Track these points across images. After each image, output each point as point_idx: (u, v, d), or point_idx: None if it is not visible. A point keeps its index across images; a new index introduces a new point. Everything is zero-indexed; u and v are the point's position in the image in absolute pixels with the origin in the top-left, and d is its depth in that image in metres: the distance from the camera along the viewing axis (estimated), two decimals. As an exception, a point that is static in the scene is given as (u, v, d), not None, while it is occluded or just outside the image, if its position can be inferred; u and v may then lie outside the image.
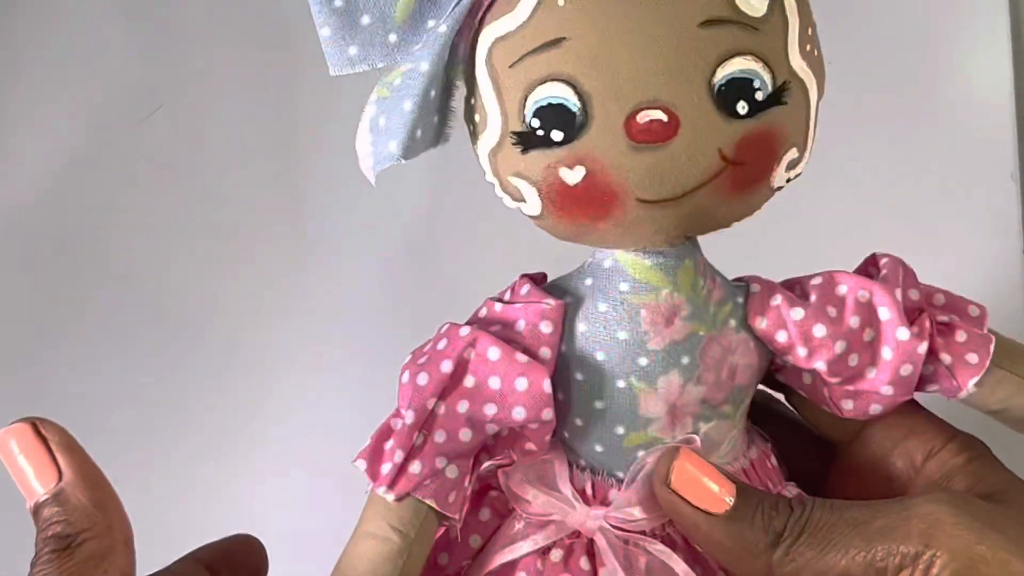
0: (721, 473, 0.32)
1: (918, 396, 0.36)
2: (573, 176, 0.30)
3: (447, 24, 0.30)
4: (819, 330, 0.34)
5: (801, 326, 0.34)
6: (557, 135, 0.30)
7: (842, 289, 0.35)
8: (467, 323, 0.34)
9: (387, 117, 0.30)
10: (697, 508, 0.32)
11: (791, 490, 0.37)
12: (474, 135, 0.32)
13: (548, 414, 0.32)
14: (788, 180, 0.32)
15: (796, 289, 0.35)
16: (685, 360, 0.33)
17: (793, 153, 0.32)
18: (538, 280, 0.35)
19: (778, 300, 0.34)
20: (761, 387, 0.37)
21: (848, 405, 0.35)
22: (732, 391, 0.35)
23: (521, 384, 0.32)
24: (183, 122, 0.65)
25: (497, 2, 0.30)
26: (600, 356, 0.33)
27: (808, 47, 0.31)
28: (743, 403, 0.36)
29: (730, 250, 0.37)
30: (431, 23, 0.30)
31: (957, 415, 0.37)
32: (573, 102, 0.29)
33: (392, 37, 0.30)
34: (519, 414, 0.32)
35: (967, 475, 0.34)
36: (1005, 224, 0.55)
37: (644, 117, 0.29)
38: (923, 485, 0.34)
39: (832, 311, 0.34)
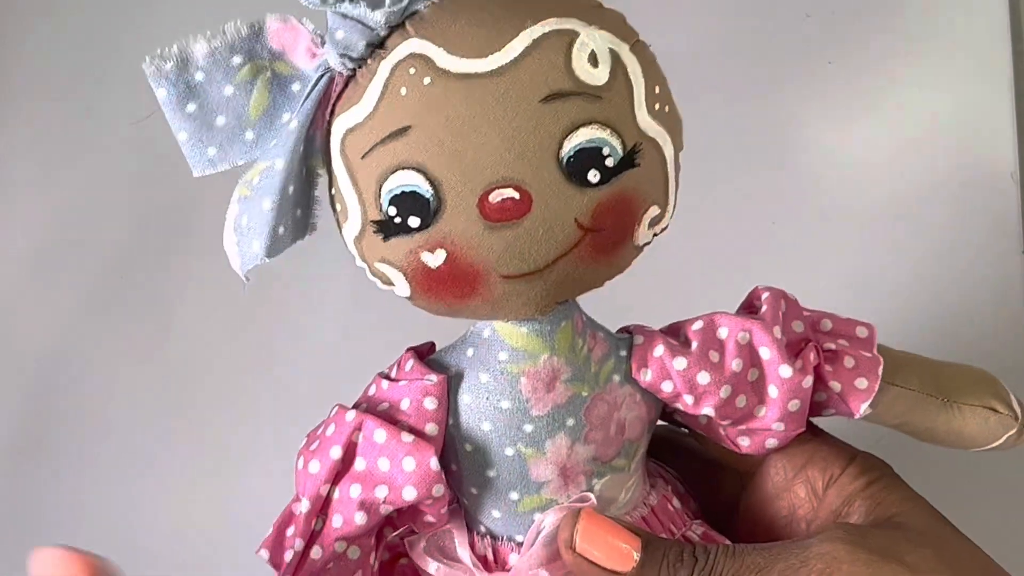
0: (625, 529, 0.32)
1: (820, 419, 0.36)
2: (435, 260, 0.31)
3: (298, 119, 0.30)
4: (703, 377, 0.34)
5: (685, 375, 0.34)
6: (414, 221, 0.30)
7: (722, 332, 0.34)
8: (356, 403, 0.34)
9: (249, 216, 0.30)
10: (605, 568, 0.32)
11: (696, 529, 0.37)
12: (339, 223, 0.32)
13: (439, 490, 0.33)
14: (655, 235, 0.32)
15: (679, 335, 0.35)
16: (570, 422, 0.34)
17: (654, 211, 0.32)
18: (424, 353, 0.35)
19: (660, 351, 0.34)
20: (665, 424, 0.38)
21: (744, 442, 0.35)
22: (623, 445, 0.35)
23: (409, 464, 0.32)
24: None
25: (345, 93, 0.30)
26: (486, 426, 0.34)
27: (657, 106, 0.31)
28: (637, 454, 0.36)
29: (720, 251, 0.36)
30: (286, 116, 0.31)
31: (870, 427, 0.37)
32: (425, 188, 0.30)
33: (249, 135, 0.30)
34: (409, 494, 0.32)
35: (866, 500, 0.34)
36: (1005, 224, 0.55)
37: (496, 197, 0.29)
38: (824, 516, 0.35)
39: (715, 356, 0.34)
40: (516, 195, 0.30)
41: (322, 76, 0.30)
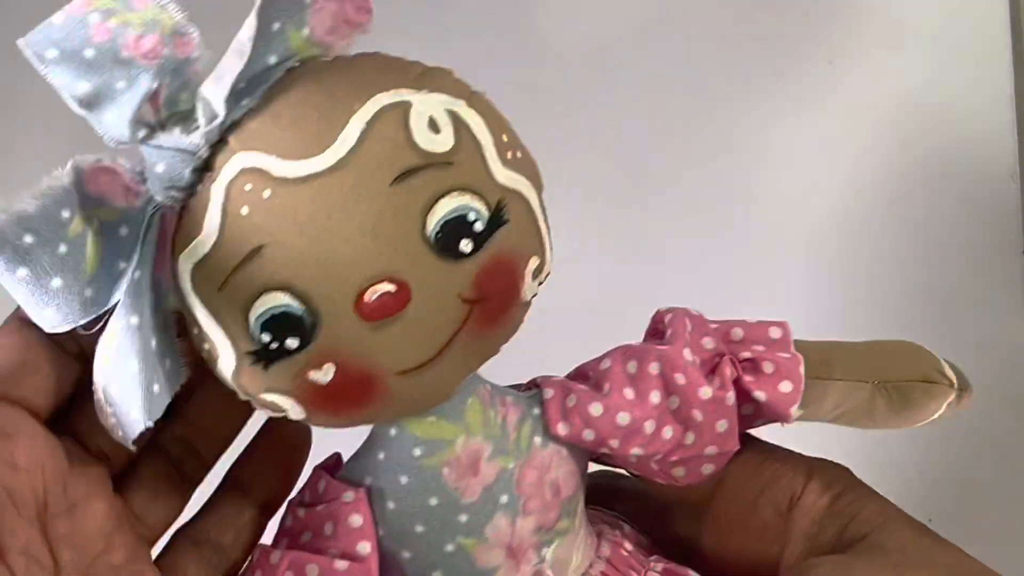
0: None
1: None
2: (325, 376, 0.29)
3: (140, 270, 0.28)
4: (623, 418, 0.32)
5: (604, 420, 0.32)
6: (293, 343, 0.28)
7: (632, 367, 0.33)
8: (275, 539, 0.32)
9: (117, 384, 0.28)
10: None
11: (656, 567, 0.35)
12: (211, 362, 0.29)
13: None
14: (540, 284, 0.31)
15: (590, 378, 0.33)
16: (504, 499, 0.32)
17: (535, 262, 0.30)
18: (332, 467, 0.33)
19: (574, 400, 0.32)
20: (600, 469, 0.36)
21: (680, 473, 0.34)
22: (562, 505, 0.33)
23: None
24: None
25: (182, 227, 0.28)
26: (419, 528, 0.31)
27: (510, 154, 0.29)
28: (578, 509, 0.34)
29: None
30: (122, 265, 0.28)
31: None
32: (296, 306, 0.28)
33: (88, 292, 0.27)
34: None
35: (835, 518, 0.32)
36: (1005, 224, 0.55)
37: (372, 295, 0.28)
38: (796, 538, 0.33)
39: (629, 393, 0.32)
40: (392, 288, 0.28)
41: (152, 215, 0.28)
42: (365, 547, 0.31)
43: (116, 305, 0.28)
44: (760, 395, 0.33)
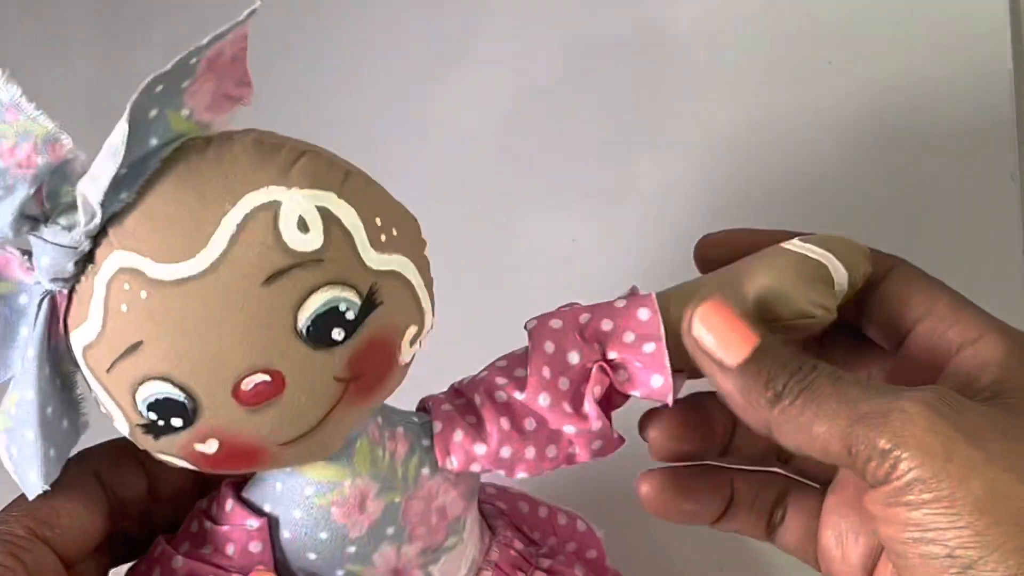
0: (745, 325, 0.32)
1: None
2: (209, 448, 0.31)
3: (34, 347, 0.30)
4: (505, 452, 0.34)
5: (489, 456, 0.34)
6: (177, 422, 0.30)
7: (501, 396, 0.35)
8: (177, 540, 0.35)
9: (17, 447, 0.31)
10: (713, 358, 0.32)
11: (543, 563, 0.38)
12: (108, 417, 0.32)
13: None
14: (420, 345, 0.33)
15: (470, 408, 0.35)
16: (390, 531, 0.34)
17: (412, 331, 0.32)
18: (240, 485, 0.35)
19: (460, 436, 0.34)
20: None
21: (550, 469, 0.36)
22: (449, 526, 0.36)
23: None
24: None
25: (72, 310, 0.30)
26: (311, 556, 0.34)
27: (384, 237, 0.30)
28: (466, 524, 0.37)
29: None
30: (24, 331, 0.30)
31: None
32: (177, 394, 0.29)
33: None
34: None
35: (997, 370, 0.33)
36: (1005, 224, 0.55)
37: (248, 384, 0.30)
38: (946, 373, 0.34)
39: (505, 424, 0.34)
40: (267, 378, 0.29)
41: (43, 298, 0.30)
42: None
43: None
44: (636, 393, 0.35)
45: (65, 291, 0.30)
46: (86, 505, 0.33)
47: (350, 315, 0.30)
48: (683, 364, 0.34)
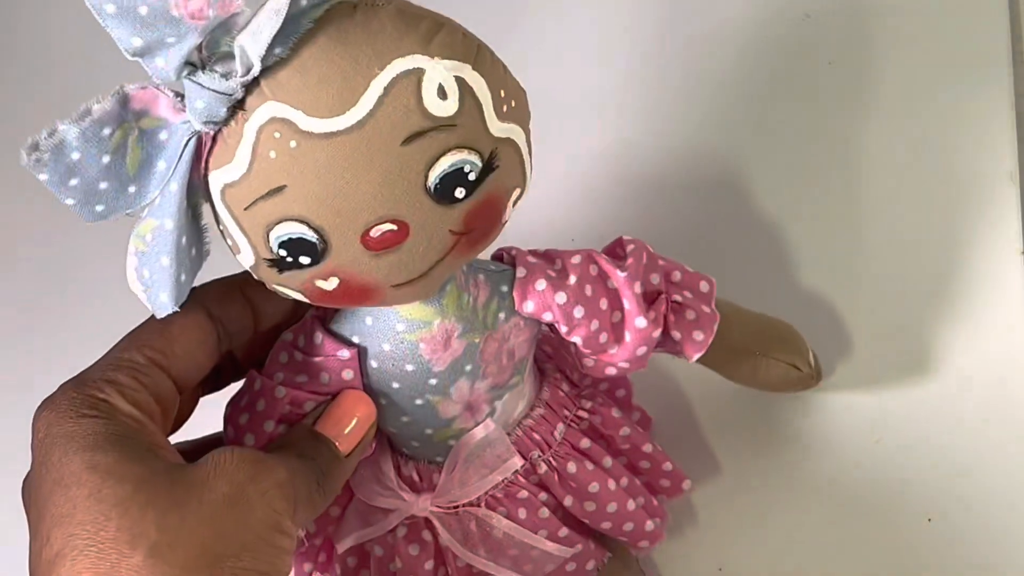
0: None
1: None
2: (329, 285, 0.34)
3: (177, 182, 0.32)
4: (579, 311, 0.38)
5: (563, 308, 0.38)
6: (305, 260, 0.33)
7: (593, 270, 0.39)
8: (269, 371, 0.38)
9: (149, 270, 0.33)
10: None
11: (585, 404, 0.44)
12: (232, 251, 0.35)
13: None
14: (515, 205, 0.36)
15: (557, 264, 0.39)
16: (468, 367, 0.39)
17: (516, 193, 0.35)
18: (325, 319, 0.39)
19: (543, 285, 0.38)
20: None
21: (589, 363, 0.41)
22: (515, 367, 0.40)
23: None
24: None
25: (216, 151, 0.32)
26: (395, 385, 0.38)
27: (505, 107, 0.33)
28: (527, 366, 0.41)
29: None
30: (161, 164, 0.32)
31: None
32: (310, 235, 0.32)
33: (131, 188, 0.32)
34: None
35: None
36: (1005, 224, 0.55)
37: (376, 232, 0.33)
38: None
39: (589, 290, 0.39)
40: (394, 227, 0.33)
41: (190, 138, 0.32)
42: None
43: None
44: (677, 335, 0.40)
45: (211, 133, 0.32)
46: (198, 336, 0.36)
47: (472, 176, 0.33)
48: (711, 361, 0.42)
